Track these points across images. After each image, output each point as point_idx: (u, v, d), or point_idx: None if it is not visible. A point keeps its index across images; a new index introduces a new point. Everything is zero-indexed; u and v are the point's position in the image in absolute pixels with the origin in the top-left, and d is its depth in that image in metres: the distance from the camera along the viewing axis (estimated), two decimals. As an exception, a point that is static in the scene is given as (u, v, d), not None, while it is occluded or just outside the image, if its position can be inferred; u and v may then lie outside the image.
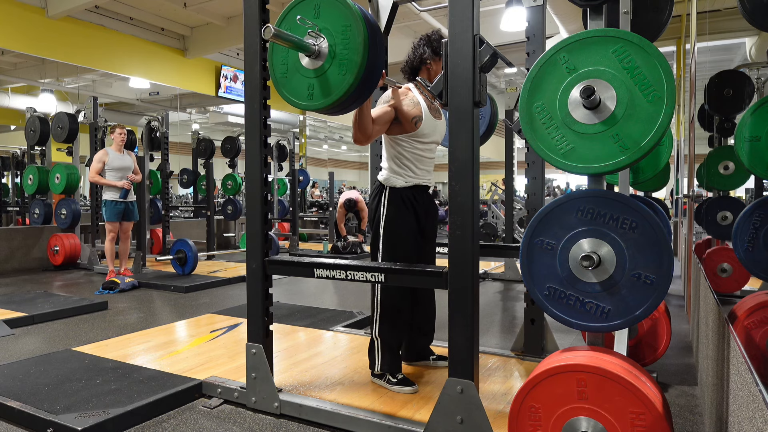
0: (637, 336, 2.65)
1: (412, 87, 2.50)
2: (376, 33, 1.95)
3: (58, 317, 4.03)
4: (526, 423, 1.61)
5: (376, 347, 2.48)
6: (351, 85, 1.92)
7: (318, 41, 1.97)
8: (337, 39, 1.94)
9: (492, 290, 5.40)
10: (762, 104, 2.18)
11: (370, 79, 1.99)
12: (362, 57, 1.89)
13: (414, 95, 2.46)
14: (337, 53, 1.94)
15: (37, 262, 6.70)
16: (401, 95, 2.43)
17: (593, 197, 1.65)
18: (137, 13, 8.50)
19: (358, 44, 1.89)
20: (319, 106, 2.00)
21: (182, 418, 2.28)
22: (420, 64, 2.51)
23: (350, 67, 1.92)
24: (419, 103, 2.44)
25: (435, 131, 2.51)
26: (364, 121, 2.23)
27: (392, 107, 2.38)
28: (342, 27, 1.93)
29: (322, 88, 1.99)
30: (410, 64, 2.55)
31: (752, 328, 2.02)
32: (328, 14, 1.97)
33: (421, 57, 2.50)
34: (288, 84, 2.07)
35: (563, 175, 18.78)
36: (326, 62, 1.96)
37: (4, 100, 11.61)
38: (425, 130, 2.45)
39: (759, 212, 2.11)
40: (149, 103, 12.75)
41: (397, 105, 2.39)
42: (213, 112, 13.75)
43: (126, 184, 5.36)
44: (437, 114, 2.54)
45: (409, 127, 2.42)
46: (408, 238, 2.46)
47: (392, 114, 2.38)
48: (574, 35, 1.64)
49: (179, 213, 10.97)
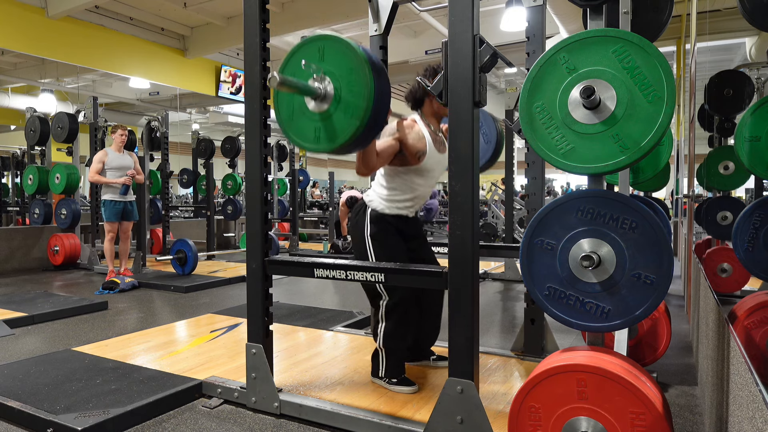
0: (637, 336, 2.65)
1: (417, 119, 2.46)
2: (381, 76, 1.92)
3: (58, 317, 4.03)
4: (526, 423, 1.61)
5: (381, 356, 2.46)
6: (356, 130, 1.90)
7: (323, 84, 1.95)
8: (343, 83, 1.92)
9: (492, 290, 5.40)
10: (762, 104, 2.18)
11: (376, 124, 1.97)
12: (368, 103, 1.87)
13: (419, 128, 2.42)
14: (343, 98, 1.92)
15: (37, 262, 6.70)
16: (407, 128, 2.38)
17: (593, 197, 1.65)
18: (137, 13, 8.50)
19: (364, 90, 1.87)
20: (324, 149, 1.99)
21: (182, 418, 2.28)
22: (423, 95, 2.47)
23: (356, 112, 1.89)
24: (424, 137, 2.40)
25: (437, 165, 2.48)
26: (369, 156, 2.20)
27: (397, 140, 2.34)
28: (347, 70, 1.91)
29: (327, 131, 1.97)
30: (413, 95, 2.50)
31: (752, 328, 2.03)
32: (332, 57, 1.95)
33: (425, 89, 2.45)
34: (294, 126, 2.06)
35: (563, 175, 18.78)
36: (332, 106, 1.95)
37: (4, 100, 11.61)
38: (428, 164, 2.42)
39: (759, 212, 2.11)
40: (149, 103, 12.74)
41: (402, 138, 2.36)
42: (213, 112, 13.76)
43: (126, 180, 5.36)
44: (441, 147, 2.49)
45: (413, 161, 2.39)
46: (399, 248, 2.45)
47: (397, 147, 2.35)
48: (574, 35, 1.64)
49: (179, 213, 10.97)
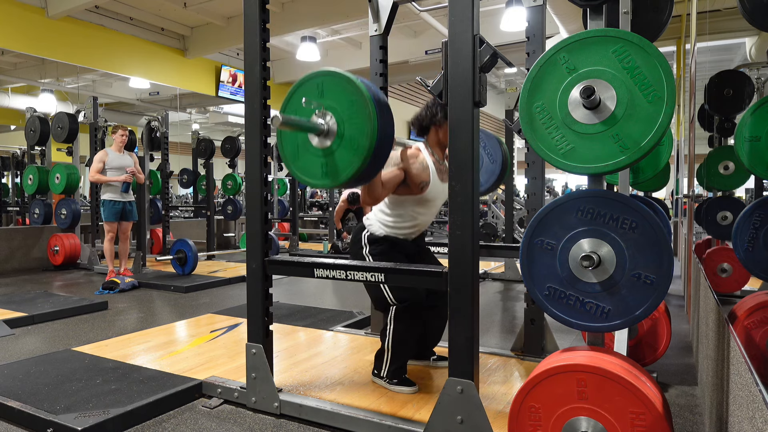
0: (637, 336, 2.65)
1: (422, 147, 2.46)
2: (383, 111, 1.91)
3: (58, 317, 4.03)
4: (526, 423, 1.61)
5: (386, 356, 2.45)
6: (359, 167, 1.90)
7: (325, 119, 1.96)
8: (345, 118, 1.92)
9: (492, 290, 5.40)
10: (762, 104, 2.18)
11: (379, 161, 1.97)
12: (370, 141, 1.87)
13: (424, 157, 2.42)
14: (345, 134, 1.92)
15: (37, 262, 6.70)
16: (411, 157, 2.38)
17: (593, 197, 1.65)
18: (137, 13, 8.50)
19: (366, 127, 1.87)
20: (327, 185, 2.00)
21: (182, 418, 2.28)
22: (430, 123, 2.46)
23: (358, 150, 1.90)
24: (428, 167, 2.41)
25: (440, 195, 2.48)
26: (374, 186, 2.20)
27: (402, 170, 2.35)
28: (348, 104, 1.91)
29: (330, 168, 1.97)
30: (420, 121, 2.49)
31: (752, 328, 2.03)
32: (332, 93, 1.95)
33: (432, 117, 2.44)
34: (298, 161, 2.06)
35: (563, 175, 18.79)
36: (334, 143, 1.95)
37: (4, 100, 11.60)
38: (430, 194, 2.42)
39: (759, 212, 2.11)
40: (149, 103, 12.74)
41: (406, 168, 2.36)
42: (213, 112, 13.75)
43: (127, 177, 5.37)
44: (445, 176, 2.48)
45: (416, 191, 2.39)
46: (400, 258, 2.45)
47: (402, 177, 2.35)
48: (574, 35, 1.64)
49: (179, 213, 10.97)
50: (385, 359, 2.45)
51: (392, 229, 2.46)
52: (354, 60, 10.20)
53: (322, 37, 9.42)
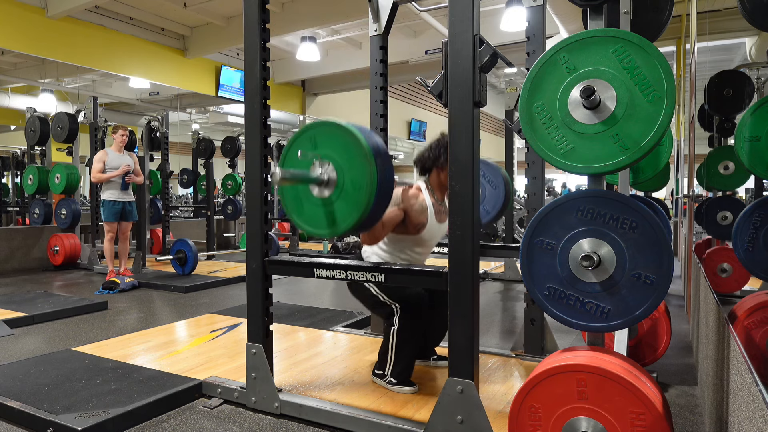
0: (637, 336, 2.65)
1: (422, 187, 2.49)
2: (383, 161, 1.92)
3: (58, 317, 4.03)
4: (526, 423, 1.61)
5: (390, 355, 2.45)
6: (358, 219, 1.93)
7: (324, 169, 1.98)
8: (344, 165, 1.94)
9: (492, 290, 5.40)
10: (762, 104, 2.18)
11: (378, 212, 1.99)
12: (369, 196, 1.89)
13: (424, 198, 2.46)
14: (345, 185, 1.94)
15: (37, 262, 6.70)
16: (412, 198, 2.42)
17: (593, 197, 1.65)
18: (137, 13, 8.50)
19: (365, 180, 1.89)
20: (326, 234, 2.02)
21: (182, 418, 2.28)
22: (432, 165, 2.49)
23: (358, 204, 1.92)
24: (427, 209, 2.45)
25: (435, 236, 2.52)
26: (375, 229, 2.23)
27: (402, 210, 2.39)
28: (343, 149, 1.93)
29: (329, 218, 2.00)
30: (423, 162, 2.52)
31: (752, 328, 2.02)
32: (326, 141, 1.98)
33: (435, 159, 2.47)
34: (298, 210, 2.08)
35: (563, 175, 18.79)
36: (334, 194, 1.97)
37: (4, 100, 11.59)
38: (426, 235, 2.46)
39: (759, 212, 2.11)
40: (149, 103, 12.73)
41: (406, 209, 2.40)
42: (213, 112, 13.74)
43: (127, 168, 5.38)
44: (442, 216, 2.52)
45: (412, 231, 2.44)
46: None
47: (401, 217, 2.39)
48: (574, 35, 1.64)
49: (179, 213, 10.96)
50: (389, 360, 2.44)
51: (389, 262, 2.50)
52: (354, 60, 10.21)
53: (322, 37, 9.42)
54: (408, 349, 2.43)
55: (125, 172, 5.38)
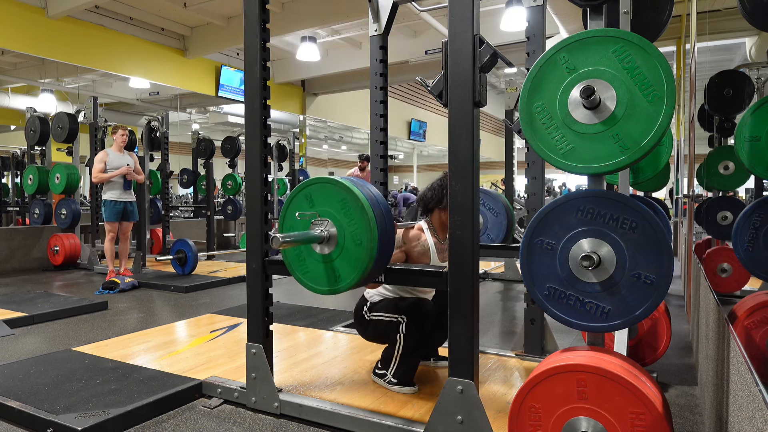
0: (637, 336, 2.65)
1: (424, 228, 2.52)
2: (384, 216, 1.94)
3: (58, 317, 4.03)
4: (526, 423, 1.61)
5: (396, 355, 2.44)
6: (358, 279, 1.95)
7: (324, 226, 1.99)
8: (343, 221, 1.96)
9: (492, 290, 5.40)
10: (762, 104, 2.18)
11: (380, 266, 2.00)
12: (370, 254, 1.91)
13: (425, 239, 2.49)
14: (346, 244, 1.96)
15: (37, 262, 6.70)
16: (413, 240, 2.46)
17: (593, 197, 1.65)
18: (137, 13, 8.50)
19: (366, 240, 1.91)
20: (329, 292, 2.03)
21: (182, 418, 2.28)
22: (435, 206, 2.51)
23: (358, 263, 1.94)
24: (428, 250, 2.47)
25: None
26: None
27: (404, 252, 2.43)
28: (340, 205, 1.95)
29: (329, 275, 2.02)
30: (426, 202, 2.54)
31: (752, 328, 2.02)
32: (321, 197, 2.00)
33: (438, 201, 2.49)
34: (299, 266, 2.10)
35: (563, 175, 18.79)
36: (335, 252, 1.99)
37: (4, 100, 11.59)
38: None
39: (759, 212, 2.11)
40: (149, 103, 12.72)
41: (408, 251, 2.45)
42: (213, 112, 13.74)
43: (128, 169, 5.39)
44: (445, 255, 2.52)
45: None
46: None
47: (403, 258, 2.44)
48: (574, 35, 1.64)
49: (179, 213, 10.96)
50: (394, 361, 2.44)
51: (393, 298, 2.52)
52: (354, 60, 10.21)
53: (322, 37, 9.42)
54: (413, 356, 2.45)
55: (126, 171, 5.38)
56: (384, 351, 2.51)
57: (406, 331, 2.41)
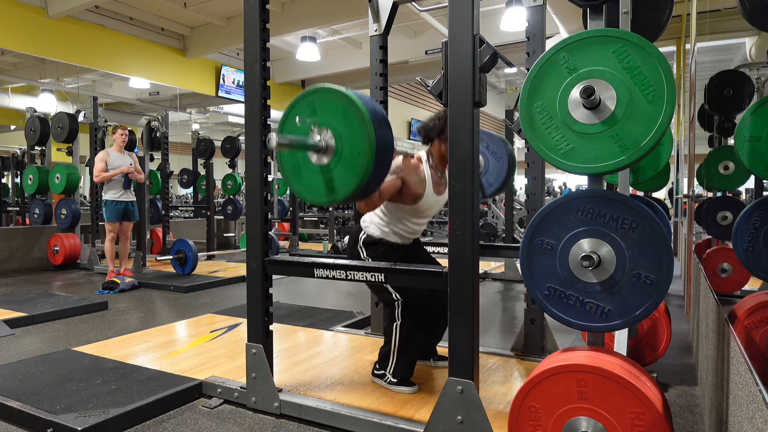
0: (637, 336, 2.65)
1: (423, 158, 2.47)
2: (383, 126, 1.90)
3: (58, 317, 4.03)
4: (526, 423, 1.61)
5: (392, 355, 2.44)
6: (357, 186, 1.90)
7: (323, 136, 1.94)
8: (342, 131, 1.91)
9: (492, 290, 5.40)
10: (762, 104, 2.18)
11: (379, 177, 1.96)
12: (367, 164, 1.86)
13: (423, 170, 2.43)
14: (344, 152, 1.91)
15: (37, 262, 6.70)
16: (411, 168, 2.40)
17: (593, 197, 1.65)
18: (137, 13, 8.49)
19: (364, 146, 1.86)
20: (325, 201, 2.00)
21: (182, 418, 2.28)
22: (436, 135, 2.45)
23: (356, 172, 1.89)
24: (425, 181, 2.42)
25: (433, 207, 2.50)
26: (372, 196, 2.21)
27: (400, 179, 2.36)
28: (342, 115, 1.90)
29: (328, 185, 1.97)
30: (427, 131, 2.48)
31: (752, 328, 2.03)
32: (325, 107, 1.95)
33: (440, 131, 2.44)
34: (297, 178, 2.06)
35: (563, 175, 18.79)
36: (332, 161, 1.94)
37: (4, 100, 11.59)
38: (422, 206, 2.44)
39: (759, 212, 2.11)
40: (149, 103, 12.73)
41: (404, 178, 2.37)
42: (213, 112, 13.74)
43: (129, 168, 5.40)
44: (441, 188, 2.49)
45: (409, 201, 2.41)
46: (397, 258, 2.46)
47: (399, 186, 2.36)
48: (574, 35, 1.64)
49: (179, 213, 10.97)
50: (392, 358, 2.44)
51: (387, 232, 2.48)
52: (354, 60, 10.20)
53: (322, 37, 9.41)
54: (411, 348, 2.43)
55: (128, 170, 5.39)
56: (381, 348, 2.52)
57: (401, 318, 2.40)
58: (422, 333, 2.49)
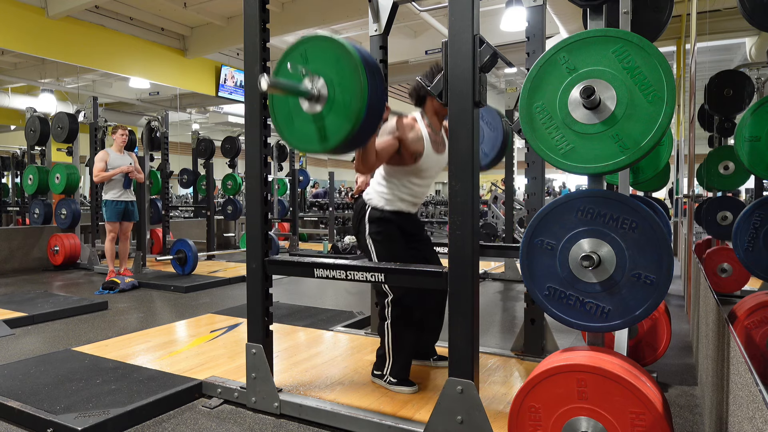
0: (637, 336, 2.65)
1: (418, 117, 2.44)
2: (375, 74, 1.89)
3: (58, 317, 4.03)
4: (526, 423, 1.61)
5: (388, 355, 2.44)
6: (350, 131, 1.88)
7: (315, 84, 1.93)
8: (334, 78, 1.90)
9: (492, 290, 5.40)
10: (762, 104, 2.18)
11: (370, 125, 1.94)
12: (361, 103, 1.85)
13: (419, 128, 2.40)
14: (336, 99, 1.90)
15: (37, 262, 6.70)
16: (406, 127, 2.36)
17: (593, 197, 1.65)
18: (137, 13, 8.50)
19: (357, 90, 1.85)
20: (317, 150, 1.98)
21: (182, 418, 2.28)
22: (426, 93, 2.43)
23: (349, 114, 1.87)
24: (422, 138, 2.38)
25: (434, 166, 2.46)
26: (368, 154, 2.18)
27: (396, 139, 2.33)
28: (334, 62, 1.89)
29: (321, 133, 1.95)
30: (417, 91, 2.46)
31: (752, 328, 2.02)
32: (317, 55, 1.94)
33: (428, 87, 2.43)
34: (288, 127, 2.04)
35: (563, 175, 18.78)
36: (325, 108, 1.93)
37: (4, 100, 11.60)
38: (424, 165, 2.41)
39: (759, 212, 2.11)
40: (149, 103, 12.74)
41: (401, 137, 2.34)
42: (213, 112, 13.75)
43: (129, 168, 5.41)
44: (440, 147, 2.47)
45: (409, 161, 2.38)
46: (399, 247, 2.45)
47: (396, 146, 2.33)
48: (574, 35, 1.64)
49: (179, 213, 10.97)
50: (388, 358, 2.44)
51: (391, 200, 2.44)
52: (354, 60, 10.19)
53: (322, 37, 9.41)
54: (405, 345, 2.43)
55: (129, 170, 5.39)
56: (378, 350, 2.52)
57: (390, 317, 2.40)
58: (413, 330, 2.47)
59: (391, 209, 2.44)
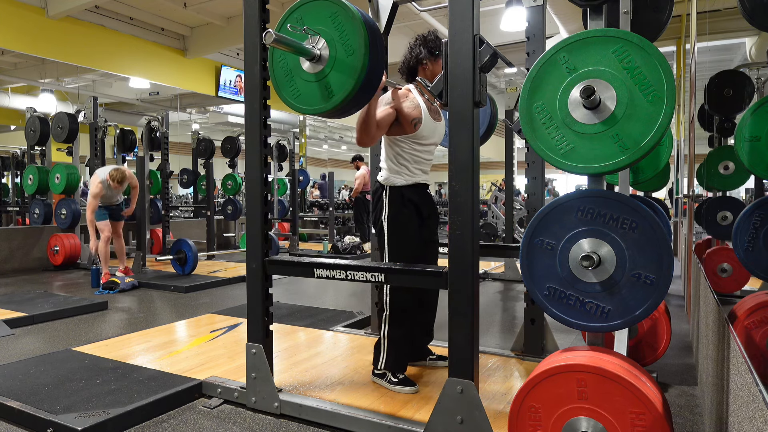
0: (637, 336, 2.65)
1: (412, 88, 2.51)
2: (376, 36, 1.94)
3: (58, 317, 4.03)
4: (526, 423, 1.61)
5: (383, 345, 2.48)
6: (351, 90, 1.92)
7: (317, 45, 1.96)
8: (335, 37, 1.93)
9: (492, 290, 5.40)
10: (762, 104, 2.18)
11: (371, 84, 1.98)
12: (362, 62, 1.89)
13: (414, 97, 2.47)
14: (338, 57, 1.94)
15: (37, 262, 6.70)
16: (401, 97, 2.44)
17: (593, 197, 1.65)
18: (137, 13, 8.50)
19: (358, 47, 1.89)
20: (318, 110, 2.01)
21: (182, 418, 2.28)
22: (416, 64, 2.52)
23: (352, 71, 1.91)
24: (419, 105, 2.45)
25: (434, 133, 2.52)
26: (369, 125, 2.25)
27: (393, 108, 2.40)
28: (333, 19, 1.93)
29: (322, 92, 1.98)
30: (407, 65, 2.55)
31: (752, 328, 2.02)
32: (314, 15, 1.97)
33: (417, 57, 2.51)
34: (288, 87, 2.07)
35: (563, 174, 18.76)
36: (327, 67, 1.96)
37: (4, 100, 11.60)
38: (424, 131, 2.46)
39: (759, 212, 2.11)
40: (149, 103, 12.74)
41: (397, 107, 2.41)
42: (213, 112, 13.75)
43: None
44: (437, 115, 2.55)
45: (409, 129, 2.43)
46: (413, 236, 2.47)
47: (394, 115, 2.40)
48: (574, 35, 1.64)
49: (179, 213, 10.97)
50: (383, 348, 2.47)
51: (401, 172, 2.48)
52: (354, 60, 10.19)
53: (322, 37, 9.41)
54: (400, 337, 2.45)
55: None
56: (374, 346, 2.55)
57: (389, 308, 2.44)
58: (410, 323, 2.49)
59: (406, 184, 2.48)
